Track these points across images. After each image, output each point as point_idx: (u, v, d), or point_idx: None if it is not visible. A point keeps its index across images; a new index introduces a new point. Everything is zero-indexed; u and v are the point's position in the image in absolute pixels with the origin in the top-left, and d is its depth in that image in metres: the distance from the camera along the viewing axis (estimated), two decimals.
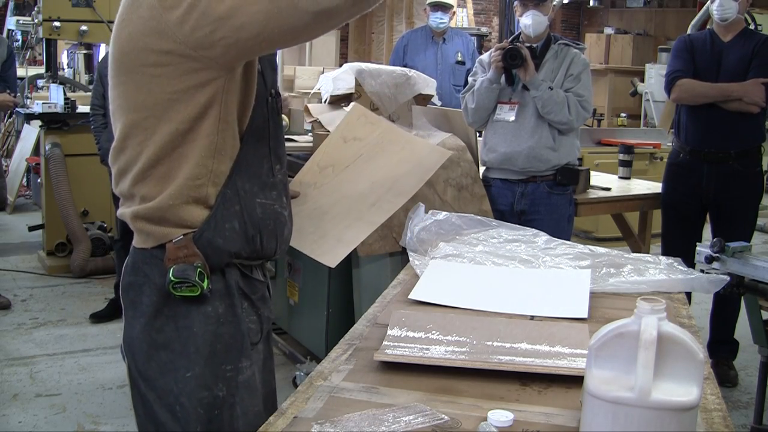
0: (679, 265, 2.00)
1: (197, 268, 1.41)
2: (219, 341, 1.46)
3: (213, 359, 1.45)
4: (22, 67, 7.29)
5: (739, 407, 3.59)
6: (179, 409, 1.45)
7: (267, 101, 1.49)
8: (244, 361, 1.47)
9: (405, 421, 1.21)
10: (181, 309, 1.45)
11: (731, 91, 3.64)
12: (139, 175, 1.45)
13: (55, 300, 4.91)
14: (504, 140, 3.44)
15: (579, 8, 13.51)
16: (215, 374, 1.45)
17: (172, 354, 1.45)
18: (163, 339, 1.46)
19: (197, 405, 1.44)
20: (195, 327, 1.45)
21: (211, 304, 1.45)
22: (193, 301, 1.43)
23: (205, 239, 1.44)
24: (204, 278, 1.42)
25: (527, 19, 3.42)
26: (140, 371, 1.50)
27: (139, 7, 1.35)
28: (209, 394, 1.45)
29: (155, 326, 1.46)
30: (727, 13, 3.66)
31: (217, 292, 1.46)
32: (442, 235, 2.20)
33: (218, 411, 1.45)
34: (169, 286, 1.42)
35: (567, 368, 1.39)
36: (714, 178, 3.74)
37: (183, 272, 1.41)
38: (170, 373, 1.45)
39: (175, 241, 1.44)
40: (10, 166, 7.52)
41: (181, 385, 1.45)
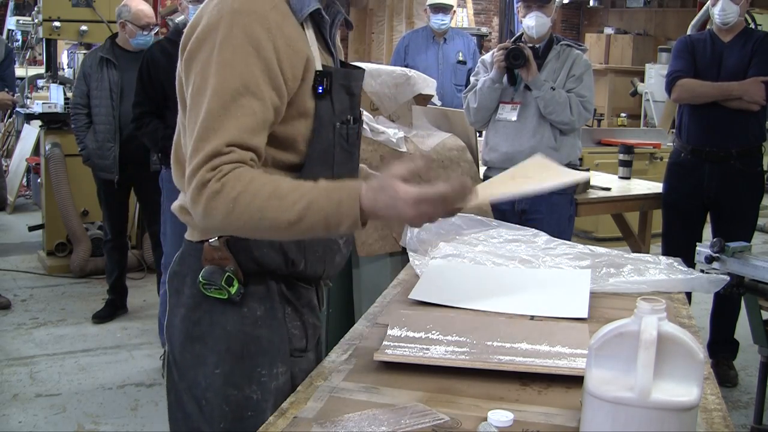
0: (679, 265, 2.00)
1: (226, 272, 1.42)
2: (254, 343, 1.45)
3: (246, 360, 1.45)
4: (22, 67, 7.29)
5: (739, 407, 3.59)
6: (205, 404, 1.46)
7: (335, 127, 1.46)
8: (281, 366, 1.46)
9: (405, 421, 1.21)
10: (218, 306, 1.45)
11: (731, 90, 3.64)
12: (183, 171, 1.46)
13: (55, 300, 4.91)
14: (506, 140, 3.44)
15: (579, 8, 13.51)
16: (248, 375, 1.45)
17: (204, 348, 1.46)
18: (198, 332, 1.47)
19: (223, 402, 1.45)
20: (229, 326, 1.45)
21: (248, 305, 1.45)
22: (230, 300, 1.43)
23: (240, 248, 1.43)
24: (233, 283, 1.42)
25: (530, 20, 3.42)
26: (175, 359, 1.51)
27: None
28: (238, 393, 1.45)
29: (193, 318, 1.47)
30: (729, 18, 3.66)
31: (256, 294, 1.46)
32: (442, 235, 2.20)
33: (252, 413, 1.45)
34: (200, 286, 1.44)
35: (567, 368, 1.39)
36: (715, 177, 3.74)
37: (210, 275, 1.42)
38: (201, 367, 1.46)
39: (211, 241, 1.44)
40: (10, 166, 7.52)
41: (209, 380, 1.45)
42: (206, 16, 1.37)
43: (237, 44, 1.32)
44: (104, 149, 4.32)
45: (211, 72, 1.32)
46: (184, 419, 1.49)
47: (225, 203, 1.27)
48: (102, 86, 4.33)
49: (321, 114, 1.43)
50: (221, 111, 1.30)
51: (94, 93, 4.36)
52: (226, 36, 1.32)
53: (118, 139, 4.29)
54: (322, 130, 1.44)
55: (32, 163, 6.88)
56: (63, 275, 5.37)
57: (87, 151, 4.43)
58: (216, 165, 1.28)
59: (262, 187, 1.28)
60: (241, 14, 1.33)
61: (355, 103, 1.54)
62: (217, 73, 1.31)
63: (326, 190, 1.29)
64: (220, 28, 1.33)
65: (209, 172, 1.28)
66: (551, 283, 1.90)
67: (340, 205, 1.27)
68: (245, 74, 1.31)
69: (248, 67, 1.31)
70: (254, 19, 1.33)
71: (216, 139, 1.29)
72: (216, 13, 1.35)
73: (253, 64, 1.32)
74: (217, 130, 1.30)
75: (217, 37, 1.33)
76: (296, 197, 1.27)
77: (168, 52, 3.50)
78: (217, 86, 1.31)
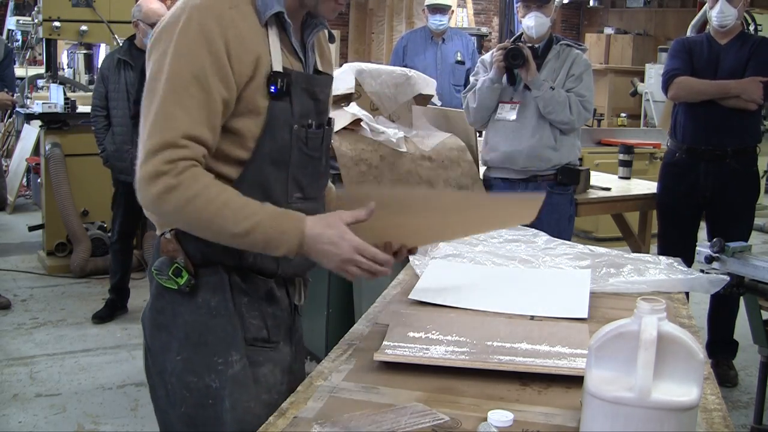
0: (679, 265, 2.00)
1: (174, 264, 1.48)
2: (210, 332, 1.50)
3: (203, 348, 1.50)
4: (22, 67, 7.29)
5: (739, 407, 3.59)
6: (170, 388, 1.52)
7: (291, 128, 1.50)
8: (234, 354, 1.50)
9: (405, 421, 1.21)
10: (177, 296, 1.51)
11: (729, 88, 3.64)
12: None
13: (55, 300, 4.91)
14: (505, 139, 3.45)
15: (579, 8, 13.51)
16: (206, 364, 1.50)
17: (169, 336, 1.52)
18: (162, 320, 1.53)
19: (183, 387, 1.50)
20: (186, 315, 1.51)
21: (202, 296, 1.50)
22: (180, 291, 1.50)
23: (189, 240, 1.48)
24: (182, 274, 1.48)
25: (530, 20, 3.42)
26: (148, 346, 1.58)
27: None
28: (198, 380, 1.50)
29: (157, 307, 1.54)
30: (727, 20, 3.66)
31: (209, 285, 1.51)
32: None
33: (212, 400, 1.49)
34: (154, 275, 1.51)
35: (567, 368, 1.39)
36: (711, 177, 3.74)
37: (159, 265, 1.50)
38: (167, 353, 1.52)
39: (166, 234, 1.51)
40: (10, 166, 7.52)
41: (172, 366, 1.51)
42: (172, 9, 1.46)
43: (191, 36, 1.40)
44: (122, 151, 4.32)
45: (166, 61, 1.40)
46: (156, 402, 1.57)
47: (177, 200, 1.37)
48: (119, 88, 4.33)
49: (275, 114, 1.48)
50: (174, 98, 1.39)
51: (112, 95, 4.36)
52: (183, 28, 1.40)
53: (135, 141, 4.27)
54: (276, 130, 1.49)
55: (32, 163, 6.87)
56: (63, 275, 5.36)
57: (106, 153, 4.45)
58: (172, 158, 1.37)
59: (216, 196, 1.39)
60: (199, 9, 1.41)
61: (320, 108, 1.59)
62: (171, 62, 1.39)
63: (273, 216, 1.42)
64: (180, 21, 1.41)
65: (165, 165, 1.37)
66: (551, 283, 1.90)
67: (283, 233, 1.41)
68: (196, 65, 1.39)
69: (199, 59, 1.39)
70: (210, 14, 1.41)
71: (171, 130, 1.38)
72: (180, 6, 1.44)
73: (204, 56, 1.39)
74: (171, 119, 1.39)
75: (176, 29, 1.41)
76: (246, 213, 1.40)
77: None
78: (171, 74, 1.39)
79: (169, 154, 1.37)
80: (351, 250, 1.42)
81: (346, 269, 1.43)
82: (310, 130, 1.54)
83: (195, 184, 1.38)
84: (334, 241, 1.42)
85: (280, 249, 1.42)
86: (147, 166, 1.38)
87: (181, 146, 1.38)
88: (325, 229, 1.42)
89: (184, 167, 1.38)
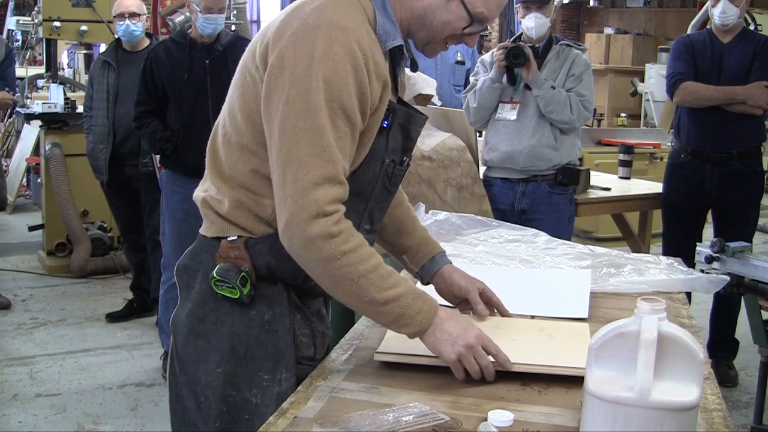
0: (679, 265, 2.00)
1: (242, 272, 1.41)
2: (259, 346, 1.44)
3: (249, 363, 1.44)
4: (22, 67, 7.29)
5: (739, 407, 3.59)
6: (203, 400, 1.46)
7: (383, 163, 1.45)
8: (285, 372, 1.45)
9: (405, 421, 1.21)
10: (225, 305, 1.44)
11: (735, 95, 3.64)
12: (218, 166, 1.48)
13: (55, 300, 4.91)
14: (505, 139, 3.44)
15: (579, 8, 13.50)
16: (248, 378, 1.44)
17: (208, 345, 1.45)
18: (203, 328, 1.46)
19: (221, 401, 1.44)
20: (235, 326, 1.44)
21: (257, 308, 1.45)
22: (240, 301, 1.43)
23: (258, 251, 1.43)
24: (246, 284, 1.42)
25: (529, 21, 3.42)
26: (178, 352, 1.50)
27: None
28: (237, 394, 1.44)
29: (198, 314, 1.47)
30: (729, 19, 3.67)
31: (265, 298, 1.45)
32: (443, 235, 2.20)
33: (249, 416, 1.44)
34: (212, 282, 1.43)
35: (567, 368, 1.39)
36: (716, 178, 3.75)
37: (225, 272, 1.42)
38: (202, 363, 1.46)
39: (230, 239, 1.44)
40: (10, 166, 7.52)
41: (209, 378, 1.45)
42: (297, 18, 1.34)
43: (338, 61, 1.30)
44: (96, 150, 4.35)
45: (311, 86, 1.29)
46: (182, 413, 1.50)
47: (332, 250, 1.31)
48: (101, 89, 4.35)
49: (375, 147, 1.42)
50: (329, 128, 1.30)
51: (95, 96, 4.38)
52: (326, 50, 1.29)
53: (110, 141, 4.30)
54: (371, 163, 1.43)
55: (32, 163, 6.88)
56: (63, 275, 5.36)
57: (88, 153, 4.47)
58: (335, 198, 1.31)
59: (368, 257, 1.34)
60: (340, 29, 1.31)
61: (409, 146, 1.53)
62: (319, 88, 1.29)
63: (414, 293, 1.38)
64: (318, 38, 1.30)
65: (330, 205, 1.31)
66: (551, 283, 1.90)
67: (418, 313, 1.37)
68: (344, 94, 1.30)
69: (347, 88, 1.31)
70: (352, 37, 1.31)
71: (331, 162, 1.30)
72: (312, 20, 1.32)
73: (351, 85, 1.31)
74: (330, 151, 1.30)
75: (315, 47, 1.30)
76: (391, 283, 1.35)
77: (171, 53, 3.50)
78: (320, 102, 1.29)
79: (333, 192, 1.31)
80: (477, 338, 1.38)
81: (464, 356, 1.37)
82: (397, 166, 1.50)
83: (352, 239, 1.33)
84: (463, 325, 1.39)
85: (409, 327, 1.38)
86: (307, 200, 1.29)
87: (341, 182, 1.32)
88: (452, 318, 1.40)
89: (342, 213, 1.33)
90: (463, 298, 1.66)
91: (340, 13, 1.33)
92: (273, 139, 1.33)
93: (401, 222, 1.70)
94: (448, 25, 1.42)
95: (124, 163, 4.29)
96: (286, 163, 1.31)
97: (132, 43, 4.37)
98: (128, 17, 4.27)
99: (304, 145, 1.30)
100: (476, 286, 1.65)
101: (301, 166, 1.30)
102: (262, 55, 1.37)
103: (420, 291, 1.40)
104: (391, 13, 1.40)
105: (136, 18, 4.30)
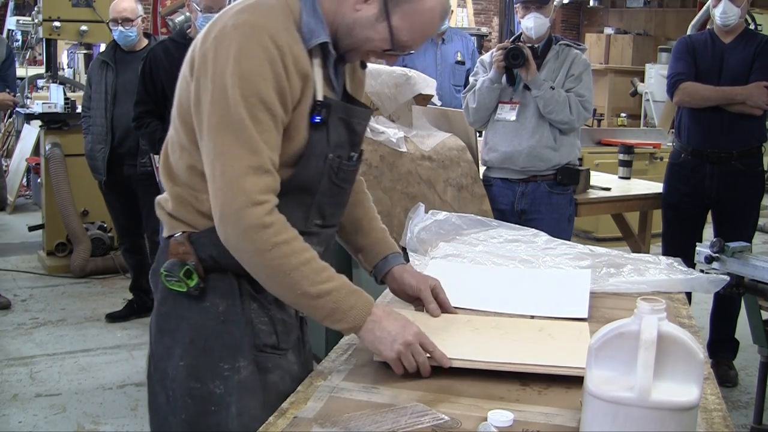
0: (679, 265, 2.00)
1: (186, 266, 1.46)
2: (216, 337, 1.47)
3: (209, 354, 1.47)
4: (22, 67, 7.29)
5: (739, 407, 3.59)
6: (171, 394, 1.50)
7: (326, 158, 1.48)
8: (242, 360, 1.47)
9: (405, 421, 1.21)
10: (184, 300, 1.49)
11: (735, 95, 3.65)
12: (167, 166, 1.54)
13: (55, 300, 4.91)
14: (505, 140, 3.44)
15: (579, 8, 13.51)
16: (211, 369, 1.47)
17: (173, 341, 1.50)
18: (166, 325, 1.51)
19: (186, 394, 1.48)
20: (193, 320, 1.48)
21: (210, 300, 1.48)
22: (189, 294, 1.47)
23: (201, 244, 1.47)
24: (192, 276, 1.46)
25: (529, 21, 3.42)
26: (152, 352, 1.56)
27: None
28: (202, 386, 1.47)
29: (163, 312, 1.52)
30: (730, 20, 3.67)
31: (218, 289, 1.48)
32: (442, 235, 2.20)
33: (215, 407, 1.47)
34: (162, 278, 1.48)
35: (567, 368, 1.39)
36: (717, 177, 3.75)
37: (171, 267, 1.47)
38: (169, 359, 1.50)
39: (176, 236, 1.49)
40: (10, 166, 7.52)
41: (174, 372, 1.49)
42: (219, 24, 1.40)
43: (253, 58, 1.35)
44: (95, 150, 4.36)
45: (228, 83, 1.35)
46: (156, 409, 1.55)
47: (264, 241, 1.35)
48: (99, 89, 4.36)
49: (313, 142, 1.46)
50: (250, 122, 1.35)
51: (93, 96, 4.39)
52: (242, 48, 1.35)
53: (109, 141, 4.31)
54: (311, 159, 1.46)
55: (32, 163, 6.88)
56: (63, 275, 5.36)
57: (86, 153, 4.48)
58: (265, 188, 1.36)
59: (301, 251, 1.38)
60: (254, 28, 1.37)
61: (355, 140, 1.57)
62: (236, 84, 1.34)
63: (348, 289, 1.41)
64: (234, 38, 1.36)
65: (261, 194, 1.35)
66: (551, 283, 1.90)
67: (351, 308, 1.40)
68: (262, 88, 1.35)
69: (265, 82, 1.35)
70: (266, 34, 1.36)
71: (257, 153, 1.35)
72: (229, 21, 1.38)
73: (269, 78, 1.36)
74: (254, 142, 1.35)
75: (231, 47, 1.35)
76: (324, 277, 1.39)
77: (170, 53, 3.50)
78: (238, 98, 1.34)
79: (262, 182, 1.35)
80: (415, 336, 1.40)
81: (403, 354, 1.40)
82: (343, 161, 1.53)
83: (285, 232, 1.37)
84: (402, 323, 1.42)
85: (343, 323, 1.41)
86: (237, 191, 1.34)
87: (269, 172, 1.36)
88: (390, 316, 1.43)
89: (274, 205, 1.37)
90: (415, 297, 1.69)
91: (258, 14, 1.39)
92: (203, 138, 1.39)
93: (359, 221, 1.75)
94: (370, 41, 1.46)
95: (123, 163, 4.29)
96: (215, 159, 1.37)
97: (128, 46, 4.38)
98: (121, 23, 4.28)
99: (229, 139, 1.35)
100: (428, 284, 1.68)
101: (227, 159, 1.35)
102: (191, 59, 1.44)
103: (355, 288, 1.43)
104: (320, 13, 1.45)
105: (129, 23, 4.29)
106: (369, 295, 1.44)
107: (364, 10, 1.43)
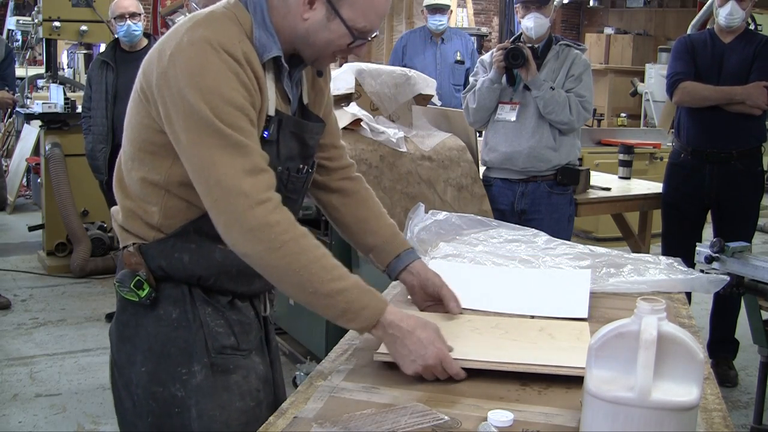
0: (679, 265, 2.00)
1: (136, 276, 1.47)
2: (172, 344, 1.50)
3: (167, 360, 1.50)
4: (22, 67, 7.29)
5: (739, 407, 3.59)
6: (136, 399, 1.53)
7: (276, 171, 1.46)
8: (196, 365, 1.50)
9: (405, 421, 1.21)
10: (140, 309, 1.51)
11: (734, 95, 3.65)
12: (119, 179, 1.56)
13: (55, 300, 4.91)
14: (505, 140, 3.44)
15: (579, 8, 13.51)
16: (170, 374, 1.50)
17: (133, 348, 1.53)
18: (127, 333, 1.54)
19: (150, 398, 1.51)
20: (150, 327, 1.51)
21: (164, 308, 1.51)
22: (141, 303, 1.50)
23: (150, 255, 1.49)
24: (143, 287, 1.48)
25: (529, 21, 3.42)
26: (114, 359, 1.58)
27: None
28: (164, 390, 1.50)
29: (123, 321, 1.55)
30: (735, 21, 3.68)
31: (170, 297, 1.51)
32: (442, 235, 2.20)
33: (178, 409, 1.50)
34: (116, 288, 1.51)
35: (567, 368, 1.39)
36: (717, 177, 3.75)
37: (123, 277, 1.49)
38: (132, 366, 1.53)
39: (128, 248, 1.51)
40: (10, 166, 7.52)
41: (138, 378, 1.52)
42: (173, 40, 1.38)
43: (218, 70, 1.34)
44: (96, 150, 4.37)
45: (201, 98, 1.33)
46: (123, 414, 1.57)
47: (272, 239, 1.34)
48: (99, 89, 4.37)
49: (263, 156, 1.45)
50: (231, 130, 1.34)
51: (94, 96, 4.40)
52: (203, 64, 1.34)
53: (110, 141, 4.32)
54: None
55: (32, 163, 6.88)
56: (63, 275, 5.36)
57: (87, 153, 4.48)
58: (268, 185, 1.36)
59: (312, 249, 1.37)
60: (211, 42, 1.36)
61: (307, 153, 1.58)
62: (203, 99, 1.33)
63: (361, 288, 1.39)
64: (194, 55, 1.35)
65: (264, 192, 1.34)
66: (551, 283, 1.90)
67: (364, 308, 1.39)
68: (234, 96, 1.35)
69: (235, 91, 1.35)
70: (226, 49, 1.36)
71: (250, 154, 1.35)
72: (186, 39, 1.36)
73: (237, 88, 1.36)
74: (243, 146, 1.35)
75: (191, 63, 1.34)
76: (336, 276, 1.37)
77: None
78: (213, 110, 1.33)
79: (260, 181, 1.35)
80: (436, 358, 1.37)
81: (423, 374, 1.38)
82: (292, 173, 1.54)
83: (293, 229, 1.36)
84: (425, 343, 1.38)
85: (356, 323, 1.40)
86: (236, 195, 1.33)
87: (264, 170, 1.36)
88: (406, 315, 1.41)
89: (279, 201, 1.36)
90: (436, 294, 1.68)
91: (213, 29, 1.38)
92: (185, 155, 1.38)
93: (365, 221, 1.73)
94: (331, 43, 1.45)
95: None
96: (204, 171, 1.35)
97: (131, 44, 4.38)
98: (129, 17, 4.29)
99: (215, 149, 1.34)
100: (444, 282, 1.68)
101: (219, 167, 1.33)
102: (146, 75, 1.42)
103: (368, 287, 1.41)
104: (271, 27, 1.44)
105: (136, 18, 4.32)
106: (380, 295, 1.43)
107: (312, 16, 1.42)
